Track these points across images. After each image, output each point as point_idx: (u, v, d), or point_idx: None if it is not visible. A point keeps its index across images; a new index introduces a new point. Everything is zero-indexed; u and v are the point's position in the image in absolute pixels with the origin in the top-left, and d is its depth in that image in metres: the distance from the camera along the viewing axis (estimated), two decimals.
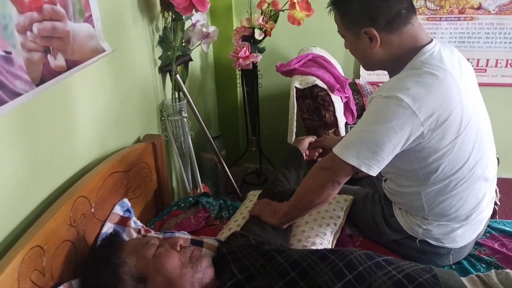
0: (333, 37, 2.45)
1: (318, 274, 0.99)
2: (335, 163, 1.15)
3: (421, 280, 0.96)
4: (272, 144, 2.67)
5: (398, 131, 1.08)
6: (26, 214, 1.02)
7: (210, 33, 1.83)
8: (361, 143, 1.12)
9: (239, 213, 1.53)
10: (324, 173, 1.20)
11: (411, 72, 1.13)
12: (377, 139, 1.09)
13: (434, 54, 1.14)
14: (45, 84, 1.00)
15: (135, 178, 1.44)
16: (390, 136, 1.08)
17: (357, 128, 1.16)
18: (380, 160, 1.11)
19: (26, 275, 0.91)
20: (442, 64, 1.12)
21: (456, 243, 1.28)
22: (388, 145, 1.09)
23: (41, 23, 0.97)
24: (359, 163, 1.11)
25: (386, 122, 1.08)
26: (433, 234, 1.27)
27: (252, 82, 2.36)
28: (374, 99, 1.15)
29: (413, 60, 1.15)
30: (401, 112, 1.07)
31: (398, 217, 1.34)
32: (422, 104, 1.07)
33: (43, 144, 1.07)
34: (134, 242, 1.08)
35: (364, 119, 1.16)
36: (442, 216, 1.25)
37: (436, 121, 1.08)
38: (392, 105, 1.08)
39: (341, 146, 1.15)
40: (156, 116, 1.80)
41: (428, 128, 1.09)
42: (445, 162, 1.16)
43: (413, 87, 1.08)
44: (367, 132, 1.12)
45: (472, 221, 1.27)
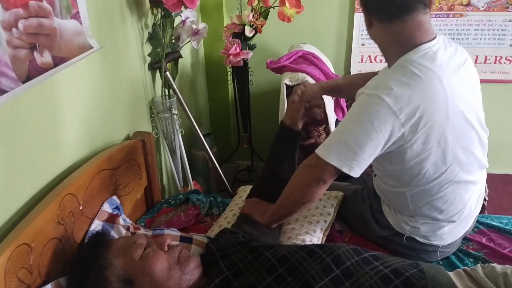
0: (324, 33, 2.49)
1: (306, 269, 1.00)
2: (319, 163, 1.15)
3: (408, 275, 0.97)
4: (264, 141, 2.66)
5: (379, 131, 1.07)
6: (13, 212, 1.01)
7: (200, 30, 1.82)
8: (342, 143, 1.11)
9: (229, 210, 1.53)
10: (309, 171, 1.19)
11: (397, 70, 1.11)
12: (358, 139, 1.09)
13: (428, 54, 1.10)
14: (31, 81, 0.99)
15: (124, 176, 1.44)
16: (371, 136, 1.08)
17: (339, 128, 1.16)
18: (361, 162, 1.11)
19: (13, 273, 0.91)
20: (432, 65, 1.09)
21: (443, 241, 1.29)
22: (369, 145, 1.09)
23: (27, 20, 0.96)
24: (340, 163, 1.11)
25: (367, 122, 1.08)
26: (420, 231, 1.28)
27: (243, 79, 2.36)
28: (360, 96, 1.14)
29: (404, 56, 1.12)
30: (382, 112, 1.06)
31: (386, 213, 1.34)
32: (404, 105, 1.06)
33: (29, 142, 1.06)
34: (121, 242, 1.06)
35: (347, 117, 1.16)
36: (427, 216, 1.25)
37: (417, 123, 1.07)
38: (373, 104, 1.08)
39: (324, 146, 1.15)
40: (146, 113, 1.80)
41: (409, 130, 1.08)
42: (427, 166, 1.15)
43: (397, 87, 1.07)
44: (348, 132, 1.11)
45: (459, 220, 1.27)
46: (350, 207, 1.47)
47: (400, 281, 0.95)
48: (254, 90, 2.56)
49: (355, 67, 2.54)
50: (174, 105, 1.83)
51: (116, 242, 1.06)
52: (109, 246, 1.04)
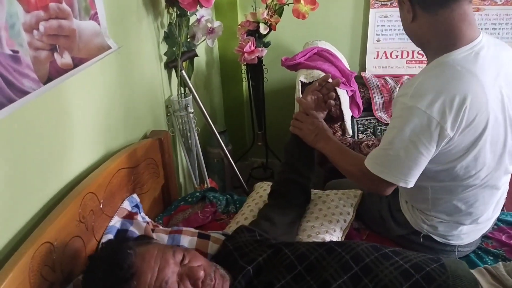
0: (338, 30, 2.48)
1: (324, 267, 1.00)
2: (374, 178, 1.14)
3: (429, 270, 0.96)
4: (278, 138, 2.67)
5: (428, 144, 1.06)
6: (36, 211, 1.03)
7: (215, 28, 1.83)
8: (394, 161, 1.11)
9: (246, 206, 1.53)
10: (366, 181, 1.20)
11: (438, 73, 1.07)
12: (410, 156, 1.08)
13: (471, 55, 1.06)
14: (52, 82, 1.00)
15: (142, 174, 1.46)
16: (421, 150, 1.07)
17: (388, 142, 1.12)
18: (416, 174, 1.11)
19: (37, 271, 0.93)
20: (474, 67, 1.05)
21: (461, 240, 1.28)
22: (421, 158, 1.08)
23: (48, 22, 0.97)
24: (397, 179, 1.11)
25: (414, 137, 1.06)
26: (438, 231, 1.27)
27: (258, 76, 2.36)
28: (401, 106, 1.10)
29: (447, 55, 1.08)
30: (427, 125, 1.04)
31: (404, 211, 1.33)
32: (448, 112, 1.02)
33: (51, 142, 1.08)
34: (150, 280, 0.92)
35: (393, 131, 1.11)
36: (445, 213, 1.24)
37: (460, 126, 1.04)
38: (417, 118, 1.04)
39: (377, 163, 1.14)
40: (162, 112, 1.81)
41: (454, 134, 1.06)
42: (457, 167, 1.13)
43: (438, 94, 1.03)
44: (399, 150, 1.09)
45: (478, 222, 1.26)
46: (367, 205, 1.47)
47: (420, 276, 0.94)
48: (269, 87, 2.55)
49: (370, 63, 2.52)
50: (190, 104, 1.83)
51: (145, 277, 0.91)
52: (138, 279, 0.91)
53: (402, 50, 2.46)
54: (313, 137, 1.36)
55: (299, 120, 1.40)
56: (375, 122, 2.35)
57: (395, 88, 2.38)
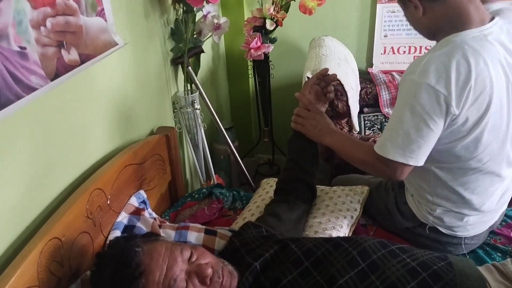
0: (345, 26, 2.47)
1: (331, 263, 0.99)
2: (385, 161, 1.14)
3: (436, 268, 0.96)
4: (285, 134, 2.64)
5: (437, 119, 1.07)
6: (44, 207, 1.04)
7: (221, 24, 1.82)
8: (405, 140, 1.11)
9: (252, 202, 1.53)
10: (379, 166, 1.19)
11: (446, 51, 1.07)
12: (420, 132, 1.09)
13: (479, 37, 1.07)
14: (59, 79, 1.01)
15: (149, 170, 1.46)
16: (431, 126, 1.08)
17: (396, 120, 1.13)
18: (426, 151, 1.12)
19: (45, 266, 0.94)
20: (482, 49, 1.06)
21: (467, 232, 1.28)
22: (431, 134, 1.09)
23: (55, 18, 0.97)
24: (407, 159, 1.12)
25: (424, 114, 1.07)
26: (444, 222, 1.26)
27: (264, 72, 2.35)
28: (409, 82, 1.10)
29: (455, 35, 1.08)
30: (436, 101, 1.05)
31: (410, 203, 1.33)
32: (454, 88, 1.04)
33: (58, 138, 1.08)
34: (158, 278, 0.91)
35: (400, 107, 1.12)
36: (446, 200, 1.24)
37: (465, 103, 1.06)
38: (426, 93, 1.06)
39: (385, 145, 1.14)
40: (169, 108, 1.82)
41: (460, 111, 1.07)
42: (458, 147, 1.13)
43: (446, 70, 1.04)
44: (409, 127, 1.10)
45: (482, 212, 1.25)
46: (374, 199, 1.47)
47: (427, 274, 0.94)
48: (275, 83, 2.55)
49: (377, 59, 2.51)
50: (196, 100, 1.84)
51: (153, 275, 0.91)
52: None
53: (409, 45, 2.44)
54: (317, 132, 1.36)
55: (301, 116, 1.40)
56: (382, 118, 2.34)
57: None
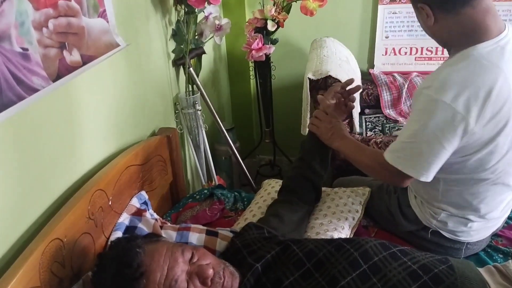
0: (347, 27, 2.47)
1: (333, 264, 0.99)
2: (395, 170, 1.14)
3: (437, 271, 0.96)
4: (286, 135, 2.67)
5: (451, 138, 1.06)
6: (45, 207, 1.04)
7: (222, 25, 1.83)
8: (416, 154, 1.11)
9: (254, 203, 1.53)
10: (384, 173, 1.20)
11: (464, 66, 1.05)
12: (432, 150, 1.08)
13: (496, 50, 1.05)
14: (61, 80, 1.01)
15: (150, 171, 1.46)
16: (444, 145, 1.07)
17: (409, 134, 1.12)
18: (436, 167, 1.11)
19: (47, 267, 0.94)
20: (500, 62, 1.04)
21: (471, 237, 1.27)
22: (443, 152, 1.08)
23: (57, 19, 0.98)
24: (417, 173, 1.12)
25: (438, 131, 1.06)
26: (447, 226, 1.26)
27: (265, 73, 2.36)
28: (425, 97, 1.08)
29: (472, 48, 1.06)
30: (452, 119, 1.04)
31: (413, 206, 1.33)
32: (472, 105, 1.02)
33: (60, 139, 1.09)
34: (159, 279, 0.92)
35: (415, 122, 1.11)
36: (453, 206, 1.23)
37: (483, 120, 1.04)
38: (442, 111, 1.04)
39: (398, 157, 1.14)
40: (170, 110, 1.82)
41: (478, 128, 1.05)
42: (471, 160, 1.12)
43: (463, 86, 1.02)
44: (422, 143, 1.09)
45: (488, 219, 1.25)
46: (376, 202, 1.46)
47: (428, 278, 0.94)
48: (277, 84, 2.55)
49: (379, 60, 2.51)
50: (197, 101, 1.84)
51: (154, 276, 0.92)
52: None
53: (410, 46, 2.45)
54: (330, 135, 1.37)
55: (318, 118, 1.41)
56: (384, 120, 2.34)
57: (403, 85, 2.37)
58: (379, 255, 1.00)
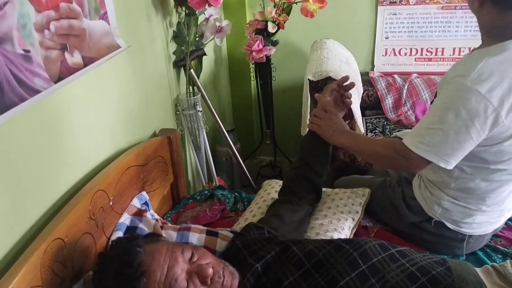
0: (347, 28, 2.48)
1: (332, 265, 1.00)
2: (413, 156, 1.13)
3: (434, 273, 0.96)
4: (287, 136, 2.68)
5: (480, 129, 1.06)
6: (47, 208, 1.05)
7: (223, 27, 1.84)
8: (441, 140, 1.09)
9: (254, 204, 1.54)
10: (399, 159, 1.17)
11: (504, 57, 1.04)
12: (459, 137, 1.07)
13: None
14: (63, 81, 1.02)
15: (151, 172, 1.47)
16: (471, 134, 1.07)
17: (436, 119, 1.11)
18: (459, 156, 1.11)
19: (48, 266, 0.95)
20: None
21: (473, 230, 1.28)
22: (469, 142, 1.08)
23: (58, 21, 0.99)
24: (438, 159, 1.11)
25: (468, 120, 1.05)
26: (451, 215, 1.26)
27: (266, 75, 2.37)
28: (456, 84, 1.07)
29: (510, 43, 1.05)
30: (484, 109, 1.03)
31: (418, 198, 1.33)
32: (506, 103, 1.02)
33: (61, 139, 1.10)
34: (159, 277, 0.93)
35: (444, 107, 1.09)
36: (463, 192, 1.23)
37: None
38: (475, 101, 1.03)
39: (420, 142, 1.12)
40: (171, 111, 1.83)
41: (508, 121, 1.05)
42: (492, 150, 1.12)
43: (502, 81, 1.02)
44: (449, 129, 1.08)
45: (492, 212, 1.25)
46: (379, 198, 1.47)
47: (426, 279, 0.95)
48: (277, 86, 2.56)
49: (379, 61, 2.52)
50: (198, 102, 1.85)
51: (155, 275, 0.92)
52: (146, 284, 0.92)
53: (410, 47, 2.46)
54: (332, 132, 1.36)
55: (318, 117, 1.41)
56: (384, 121, 2.35)
57: (403, 86, 2.37)
58: (378, 256, 1.01)
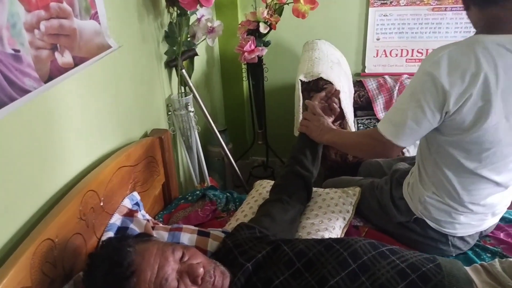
0: (338, 29, 2.49)
1: (322, 264, 1.01)
2: (383, 139, 1.22)
3: (424, 270, 0.97)
4: (279, 137, 2.68)
5: (434, 110, 1.12)
6: (37, 208, 1.05)
7: (215, 27, 1.84)
8: (402, 122, 1.18)
9: (246, 204, 1.54)
10: (373, 144, 1.28)
11: (467, 48, 1.09)
12: (416, 118, 1.15)
13: (505, 46, 1.06)
14: (53, 81, 1.01)
15: (143, 172, 1.47)
16: (427, 115, 1.14)
17: (400, 103, 1.21)
18: (417, 136, 1.20)
19: (38, 267, 0.94)
20: (499, 56, 1.06)
21: (455, 230, 1.30)
22: (425, 122, 1.15)
23: (48, 21, 0.98)
24: (397, 139, 1.20)
25: (424, 102, 1.12)
26: (432, 213, 1.29)
27: (258, 75, 2.37)
28: (421, 67, 1.16)
29: (484, 36, 1.09)
30: (435, 91, 1.10)
31: (405, 196, 1.36)
32: (457, 89, 1.08)
33: (52, 140, 1.09)
34: (150, 277, 0.92)
35: (406, 91, 1.20)
36: (439, 189, 1.26)
37: (464, 104, 1.09)
38: (428, 83, 1.11)
39: (384, 122, 1.24)
40: (163, 111, 1.82)
41: (456, 109, 1.10)
42: (457, 142, 1.17)
43: (456, 68, 1.07)
44: (408, 111, 1.16)
45: (474, 212, 1.26)
46: (368, 199, 1.49)
47: (416, 276, 0.96)
48: (269, 86, 2.57)
49: (370, 62, 2.54)
50: (190, 103, 1.85)
51: (145, 275, 0.92)
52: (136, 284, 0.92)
53: (401, 48, 2.48)
54: (319, 132, 1.46)
55: (307, 119, 1.52)
56: (375, 122, 2.36)
57: (394, 87, 2.39)
58: (368, 254, 1.02)
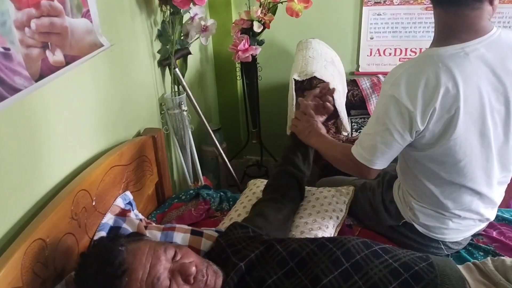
0: (332, 28, 2.49)
1: (315, 263, 1.00)
2: (358, 163, 1.22)
3: (417, 269, 0.97)
4: (273, 136, 2.68)
5: (402, 131, 1.12)
6: (28, 208, 1.04)
7: (208, 26, 1.83)
8: (372, 147, 1.18)
9: (239, 203, 1.54)
10: (350, 165, 1.27)
11: (421, 65, 1.09)
12: (385, 141, 1.15)
13: (458, 55, 1.06)
14: (44, 80, 1.00)
15: (136, 172, 1.46)
16: (395, 137, 1.13)
17: (368, 128, 1.21)
18: (389, 159, 1.20)
19: (29, 267, 0.93)
20: (457, 66, 1.05)
21: (444, 236, 1.29)
22: (395, 144, 1.15)
23: (39, 19, 0.97)
24: (370, 163, 1.20)
25: (391, 126, 1.12)
26: (420, 219, 1.29)
27: (252, 74, 2.37)
28: (382, 90, 1.17)
29: (435, 50, 1.09)
30: (400, 113, 1.10)
31: (396, 200, 1.36)
32: (421, 108, 1.07)
33: (43, 139, 1.08)
34: (142, 276, 0.92)
35: (373, 116, 1.19)
36: (423, 198, 1.26)
37: (430, 120, 1.08)
38: (392, 105, 1.10)
39: (356, 146, 1.23)
40: (156, 110, 1.82)
41: (425, 127, 1.10)
42: (430, 155, 1.17)
43: (415, 87, 1.07)
44: (376, 135, 1.16)
45: (462, 217, 1.26)
46: (359, 200, 1.49)
47: (409, 275, 0.96)
48: (263, 85, 2.56)
49: (364, 61, 2.54)
50: (183, 102, 1.84)
51: (137, 274, 0.92)
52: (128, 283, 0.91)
53: (395, 47, 2.48)
54: (307, 133, 1.44)
55: (298, 119, 1.50)
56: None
57: None
58: (361, 253, 1.02)
